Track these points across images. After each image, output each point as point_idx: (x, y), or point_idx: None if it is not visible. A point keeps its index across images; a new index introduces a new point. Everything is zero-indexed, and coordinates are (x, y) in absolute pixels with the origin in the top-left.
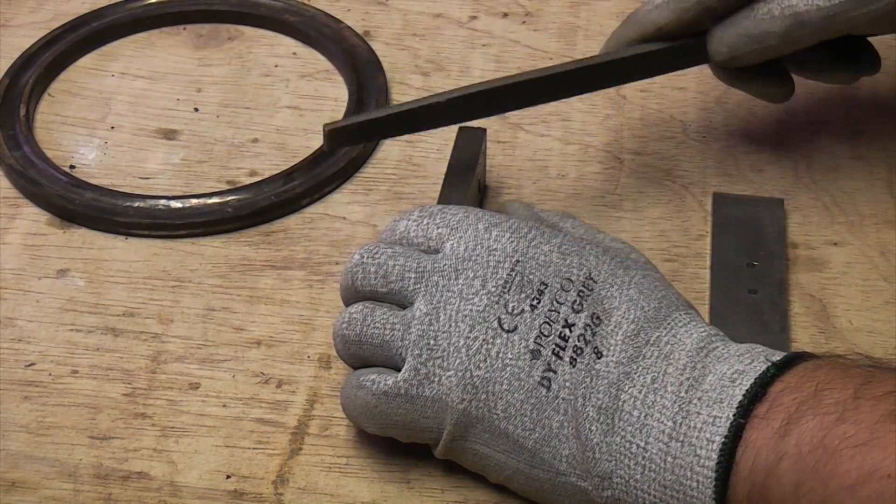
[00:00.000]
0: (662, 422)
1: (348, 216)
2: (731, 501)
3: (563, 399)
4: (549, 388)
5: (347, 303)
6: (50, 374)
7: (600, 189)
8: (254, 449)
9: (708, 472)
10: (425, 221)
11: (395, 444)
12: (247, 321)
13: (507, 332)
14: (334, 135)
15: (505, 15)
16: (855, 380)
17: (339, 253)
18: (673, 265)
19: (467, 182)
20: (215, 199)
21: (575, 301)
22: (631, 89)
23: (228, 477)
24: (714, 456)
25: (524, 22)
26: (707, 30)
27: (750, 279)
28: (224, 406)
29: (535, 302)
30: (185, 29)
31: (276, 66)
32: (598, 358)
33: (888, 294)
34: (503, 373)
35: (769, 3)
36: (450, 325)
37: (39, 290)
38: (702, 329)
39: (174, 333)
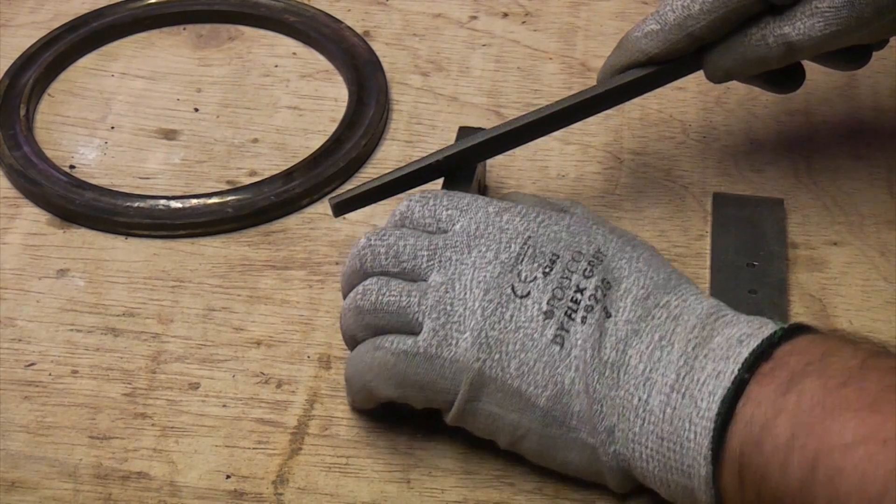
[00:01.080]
0: (666, 375)
1: (348, 216)
2: (724, 453)
3: (575, 356)
4: (562, 346)
5: (352, 287)
6: (50, 374)
7: (600, 189)
8: (254, 449)
9: (707, 422)
10: (431, 203)
11: (395, 444)
12: (247, 321)
13: (521, 297)
14: (340, 206)
15: (505, 15)
16: (863, 352)
17: (339, 253)
18: (673, 265)
19: (467, 182)
20: (215, 199)
21: (586, 269)
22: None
23: (228, 477)
24: (715, 407)
25: (524, 22)
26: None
27: (750, 279)
28: (224, 406)
29: (547, 269)
30: (185, 29)
31: (276, 66)
32: (608, 317)
33: (888, 294)
34: (517, 334)
35: (762, 28)
36: (465, 293)
37: (39, 290)
38: (711, 300)
39: (174, 333)
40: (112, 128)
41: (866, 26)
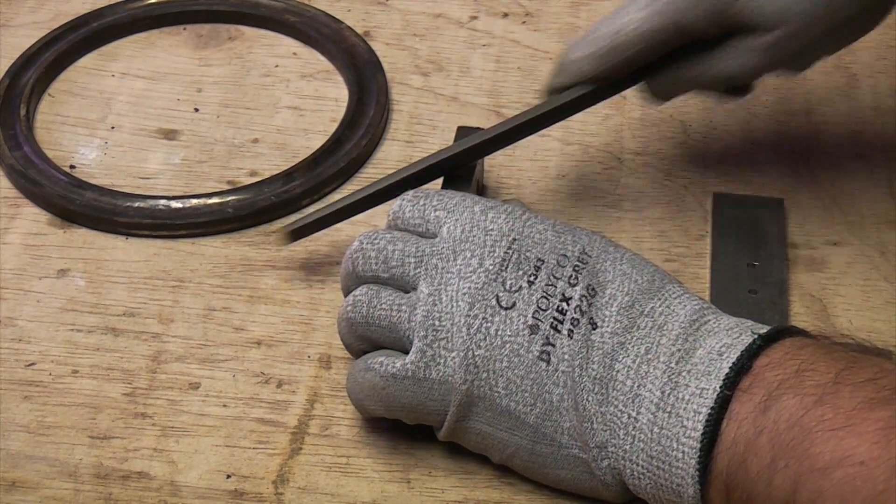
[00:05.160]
0: (652, 392)
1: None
2: (712, 473)
3: (563, 372)
4: (548, 362)
5: (348, 290)
6: (50, 374)
7: (600, 189)
8: (254, 449)
9: (693, 442)
10: (421, 202)
11: (395, 443)
12: (247, 321)
13: (506, 309)
14: (295, 234)
15: (505, 15)
16: (837, 364)
17: (339, 253)
18: (673, 265)
19: (466, 182)
20: (215, 200)
21: (571, 275)
22: (631, 90)
23: (229, 477)
24: (700, 427)
25: (524, 22)
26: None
27: (750, 279)
28: (224, 406)
29: (532, 278)
30: (185, 29)
31: (277, 66)
32: (594, 329)
33: (888, 294)
34: (503, 350)
35: (704, 62)
36: (451, 306)
37: (40, 290)
38: (695, 301)
39: (174, 333)
40: (112, 128)
41: (799, 57)
